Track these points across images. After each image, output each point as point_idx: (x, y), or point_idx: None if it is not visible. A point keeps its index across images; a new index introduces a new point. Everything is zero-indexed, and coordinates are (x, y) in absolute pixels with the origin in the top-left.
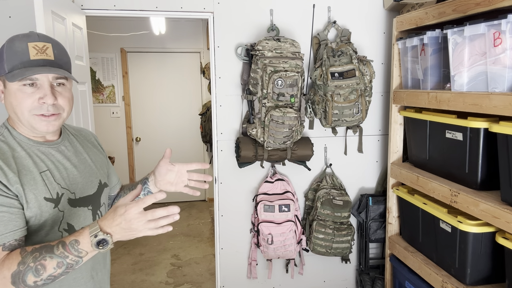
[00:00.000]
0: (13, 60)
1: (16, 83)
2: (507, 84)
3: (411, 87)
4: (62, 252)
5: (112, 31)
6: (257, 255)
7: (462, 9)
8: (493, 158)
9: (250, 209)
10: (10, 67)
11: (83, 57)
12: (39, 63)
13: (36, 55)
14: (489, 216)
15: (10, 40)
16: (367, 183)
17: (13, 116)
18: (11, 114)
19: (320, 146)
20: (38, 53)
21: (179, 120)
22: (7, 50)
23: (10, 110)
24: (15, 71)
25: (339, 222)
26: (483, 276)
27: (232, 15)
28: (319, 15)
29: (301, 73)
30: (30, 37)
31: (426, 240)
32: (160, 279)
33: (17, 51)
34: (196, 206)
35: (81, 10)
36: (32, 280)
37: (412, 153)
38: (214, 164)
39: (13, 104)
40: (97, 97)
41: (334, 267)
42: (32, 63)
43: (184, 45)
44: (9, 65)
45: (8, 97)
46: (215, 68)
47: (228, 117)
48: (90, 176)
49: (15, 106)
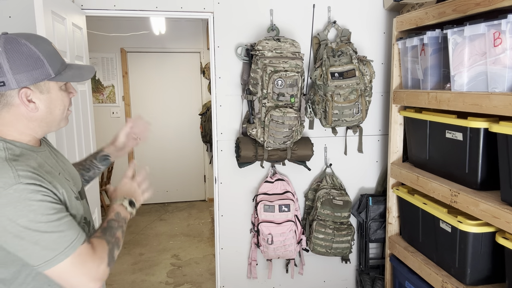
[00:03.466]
0: (55, 62)
1: (58, 85)
2: (507, 84)
3: (411, 87)
4: (119, 224)
5: (112, 31)
6: (257, 255)
7: (462, 9)
8: (493, 158)
9: (250, 209)
10: (56, 69)
11: (83, 57)
12: (66, 61)
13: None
14: (489, 216)
15: (35, 43)
16: (367, 183)
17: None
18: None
19: (320, 146)
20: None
21: (179, 120)
22: (44, 54)
23: (51, 113)
24: (66, 72)
25: (339, 222)
26: (483, 276)
27: (232, 15)
28: (319, 15)
29: (301, 73)
30: (43, 38)
31: (426, 240)
32: (160, 279)
33: (52, 54)
34: (196, 206)
35: (81, 10)
36: (116, 253)
37: (412, 153)
38: (214, 164)
39: (58, 105)
40: (97, 97)
41: (334, 267)
42: (65, 62)
43: (184, 45)
44: (54, 68)
45: (52, 102)
46: (215, 68)
47: (228, 117)
48: (74, 170)
49: (59, 107)
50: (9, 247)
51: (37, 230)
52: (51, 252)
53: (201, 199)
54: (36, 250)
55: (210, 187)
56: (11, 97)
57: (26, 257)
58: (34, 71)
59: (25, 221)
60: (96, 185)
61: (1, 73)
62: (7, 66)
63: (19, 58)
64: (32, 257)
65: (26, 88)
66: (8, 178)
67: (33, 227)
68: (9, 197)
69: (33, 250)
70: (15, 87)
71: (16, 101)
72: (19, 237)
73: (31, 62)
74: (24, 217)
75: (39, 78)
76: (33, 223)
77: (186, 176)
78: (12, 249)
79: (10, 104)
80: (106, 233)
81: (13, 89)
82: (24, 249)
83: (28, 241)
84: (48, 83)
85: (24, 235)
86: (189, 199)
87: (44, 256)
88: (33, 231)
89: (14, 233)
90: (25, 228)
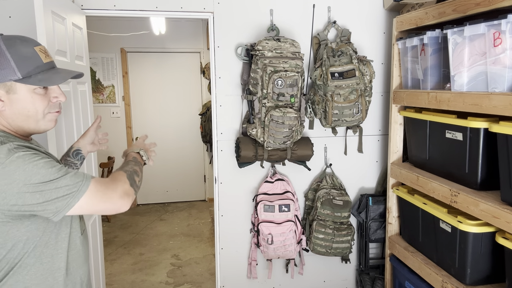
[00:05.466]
0: (27, 65)
1: (28, 87)
2: (507, 84)
3: (411, 87)
4: (136, 162)
5: (112, 31)
6: (257, 255)
7: (462, 9)
8: (493, 158)
9: (250, 209)
10: (24, 72)
11: (83, 57)
12: (50, 65)
13: (46, 59)
14: (489, 216)
15: (8, 44)
16: (367, 183)
17: (22, 119)
18: (20, 118)
19: (320, 146)
20: (46, 56)
21: (179, 120)
22: (12, 55)
23: (20, 114)
24: (37, 76)
25: (339, 222)
26: (483, 276)
27: (232, 15)
28: (319, 15)
29: (301, 73)
30: (28, 41)
31: (426, 240)
32: (160, 279)
33: (27, 56)
34: (196, 206)
35: (81, 10)
36: (137, 179)
37: (412, 153)
38: (214, 164)
39: (28, 107)
40: (97, 97)
41: (334, 267)
42: (46, 66)
43: (184, 45)
44: (23, 71)
45: (18, 102)
46: (215, 68)
47: (228, 117)
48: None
49: (29, 108)
50: (30, 204)
51: (52, 179)
52: (73, 187)
53: (201, 199)
54: (60, 192)
55: (210, 187)
56: None
57: (52, 205)
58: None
59: (38, 177)
60: None
61: None
62: None
63: None
64: (57, 202)
65: None
66: (6, 150)
67: (47, 179)
68: (14, 163)
69: (57, 194)
70: None
71: None
72: (38, 191)
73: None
74: (37, 174)
75: (2, 78)
76: (46, 176)
77: (186, 176)
78: (34, 206)
79: None
80: (122, 167)
81: None
82: (47, 198)
83: (48, 190)
84: (14, 84)
85: (42, 188)
86: (189, 199)
87: (69, 195)
88: (49, 181)
89: (32, 190)
90: (41, 182)
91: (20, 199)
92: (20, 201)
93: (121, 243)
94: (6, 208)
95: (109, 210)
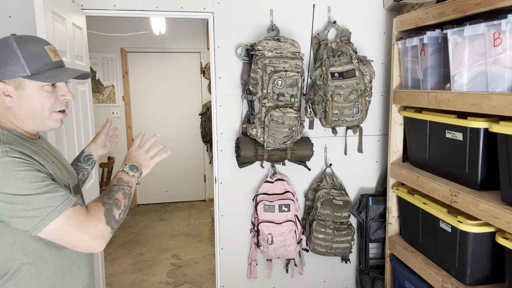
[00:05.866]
0: (36, 62)
1: (36, 83)
2: (507, 84)
3: (411, 87)
4: (119, 187)
5: (112, 31)
6: (257, 255)
7: (462, 9)
8: (493, 158)
9: (250, 209)
10: (33, 69)
11: (83, 57)
12: (59, 64)
13: (55, 58)
14: (489, 216)
15: (19, 42)
16: (367, 183)
17: (29, 116)
18: (27, 114)
19: (320, 146)
20: (55, 55)
21: (179, 120)
22: (23, 52)
23: (27, 110)
24: (45, 73)
25: (339, 222)
26: (483, 276)
27: (232, 15)
28: (319, 15)
29: (301, 73)
30: (39, 40)
31: (426, 240)
32: (160, 279)
33: (37, 54)
34: (196, 206)
35: (81, 10)
36: (117, 213)
37: (412, 153)
38: (214, 164)
39: (35, 104)
40: (97, 97)
41: (334, 267)
42: (55, 64)
43: (184, 45)
44: (32, 68)
45: (26, 98)
46: (215, 68)
47: (228, 117)
48: (70, 168)
49: (36, 105)
50: (2, 214)
51: (27, 194)
52: (44, 210)
53: (201, 199)
54: (29, 212)
55: (210, 187)
56: None
57: (20, 222)
58: (8, 67)
59: (13, 189)
60: (96, 185)
61: None
62: None
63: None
64: (26, 220)
65: (2, 82)
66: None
67: (22, 193)
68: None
69: (26, 213)
70: None
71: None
72: (10, 203)
73: (6, 58)
74: (12, 185)
75: (12, 74)
76: (22, 189)
77: (186, 176)
78: (4, 216)
79: None
80: (103, 197)
81: None
82: (16, 213)
83: (20, 204)
84: (23, 80)
85: (15, 200)
86: (189, 199)
87: (38, 216)
88: (23, 196)
89: (5, 200)
90: (15, 194)
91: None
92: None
93: (121, 243)
94: None
95: (78, 247)
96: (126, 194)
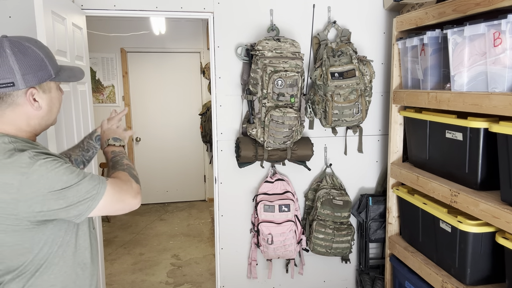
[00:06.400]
0: (54, 63)
1: (56, 84)
2: (507, 84)
3: (411, 87)
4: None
5: (112, 31)
6: (257, 255)
7: (462, 9)
8: (493, 158)
9: (250, 209)
10: (55, 70)
11: (83, 57)
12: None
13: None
14: (489, 216)
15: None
16: (367, 183)
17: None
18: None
19: (320, 146)
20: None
21: (179, 120)
22: (46, 56)
23: (51, 111)
24: (63, 73)
25: (339, 222)
26: (483, 276)
27: (232, 15)
28: (319, 15)
29: (301, 73)
30: (39, 41)
31: (426, 240)
32: (160, 279)
33: (50, 55)
34: (196, 206)
35: (81, 10)
36: (135, 173)
37: (412, 153)
38: (214, 164)
39: (56, 104)
40: (97, 97)
41: (334, 267)
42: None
43: (184, 45)
44: (54, 69)
45: (51, 100)
46: (215, 68)
47: (228, 117)
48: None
49: (57, 105)
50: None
51: (73, 184)
52: (92, 190)
53: (201, 199)
54: (81, 197)
55: (210, 187)
56: (17, 96)
57: (73, 209)
58: (40, 72)
59: (61, 184)
60: None
61: (11, 74)
62: (16, 67)
63: (27, 60)
64: (80, 204)
65: (33, 88)
66: (27, 159)
67: (69, 184)
68: (37, 172)
69: (79, 198)
70: (23, 87)
71: (22, 101)
72: (62, 197)
73: (36, 63)
74: (59, 181)
75: (43, 78)
76: (68, 182)
77: (186, 176)
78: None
79: (15, 104)
80: (116, 167)
81: (21, 89)
82: (69, 202)
83: (71, 195)
84: (49, 83)
85: (65, 193)
86: (189, 199)
87: (89, 197)
88: (71, 187)
89: (56, 197)
90: (63, 188)
91: (45, 205)
92: (45, 208)
93: (121, 243)
94: (32, 215)
95: (124, 209)
96: (128, 160)
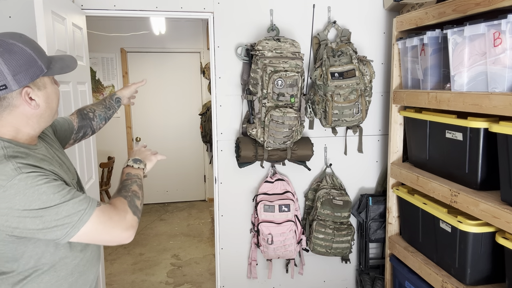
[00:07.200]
0: (44, 57)
1: (50, 78)
2: (507, 84)
3: (411, 87)
4: (131, 180)
5: (112, 31)
6: (257, 255)
7: (462, 9)
8: (493, 158)
9: (250, 209)
10: (46, 64)
11: (83, 57)
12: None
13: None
14: (489, 216)
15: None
16: (367, 183)
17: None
18: (47, 113)
19: (320, 146)
20: None
21: (179, 120)
22: (34, 50)
23: (50, 108)
24: (54, 65)
25: (339, 222)
26: (483, 276)
27: (232, 15)
28: (319, 15)
29: (301, 73)
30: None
31: (426, 240)
32: (160, 279)
33: (38, 49)
34: (196, 206)
35: (81, 10)
36: (138, 202)
37: (412, 153)
38: (214, 164)
39: (54, 99)
40: (97, 97)
41: (334, 267)
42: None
43: (184, 45)
44: (45, 63)
45: (49, 96)
46: (215, 68)
47: (228, 117)
48: (70, 164)
49: (55, 100)
50: (30, 229)
51: (53, 205)
52: (74, 216)
53: (201, 199)
54: (59, 221)
55: (210, 187)
56: (13, 98)
57: (50, 232)
58: (30, 69)
59: (39, 203)
60: (96, 185)
61: (1, 76)
62: (5, 68)
63: (14, 59)
64: (57, 229)
65: (27, 87)
66: (9, 170)
67: (49, 205)
68: (15, 187)
69: (56, 222)
70: (17, 88)
71: (18, 102)
72: (38, 217)
73: (25, 60)
74: (37, 200)
75: (36, 75)
76: (47, 202)
77: (186, 176)
78: (33, 231)
79: (12, 106)
80: (121, 192)
81: (14, 90)
82: (46, 225)
83: (48, 216)
84: (43, 78)
85: (42, 213)
86: (189, 199)
87: (69, 223)
88: (50, 207)
89: (32, 216)
90: (41, 208)
91: (21, 223)
92: (21, 225)
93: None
94: (9, 230)
95: (112, 242)
96: (139, 186)
